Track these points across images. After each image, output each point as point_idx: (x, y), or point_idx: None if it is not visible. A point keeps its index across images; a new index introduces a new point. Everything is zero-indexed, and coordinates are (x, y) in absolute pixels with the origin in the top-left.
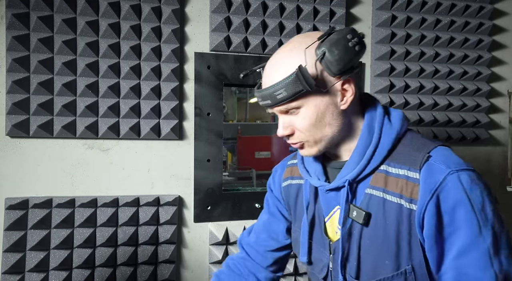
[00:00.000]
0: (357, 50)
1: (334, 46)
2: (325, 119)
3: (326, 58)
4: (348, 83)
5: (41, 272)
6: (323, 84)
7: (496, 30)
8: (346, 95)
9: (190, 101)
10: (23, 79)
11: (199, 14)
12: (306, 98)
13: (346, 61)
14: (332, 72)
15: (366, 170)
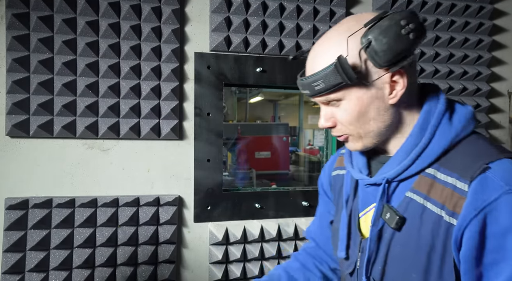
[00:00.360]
0: (412, 38)
1: (382, 34)
2: (369, 113)
3: (371, 47)
4: (399, 75)
5: (41, 272)
6: (367, 76)
7: (496, 30)
8: (395, 89)
9: (190, 101)
10: (23, 79)
11: (199, 14)
12: (347, 90)
13: (396, 51)
14: (378, 63)
15: (409, 171)
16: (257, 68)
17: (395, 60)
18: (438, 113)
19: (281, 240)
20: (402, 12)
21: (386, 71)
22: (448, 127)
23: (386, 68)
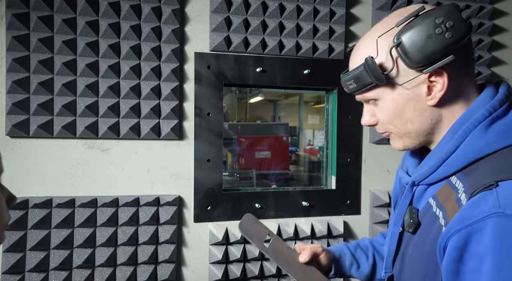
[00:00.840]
0: (448, 37)
1: (414, 33)
2: (404, 114)
3: (402, 47)
4: (438, 75)
5: (41, 272)
6: (400, 76)
7: (496, 30)
8: (433, 90)
9: (190, 101)
10: (23, 79)
11: (199, 14)
12: (381, 90)
13: (428, 52)
14: (409, 64)
15: (433, 176)
16: (257, 68)
17: (428, 60)
18: (475, 119)
19: None
20: (441, 9)
21: (420, 72)
22: (480, 136)
23: (419, 69)
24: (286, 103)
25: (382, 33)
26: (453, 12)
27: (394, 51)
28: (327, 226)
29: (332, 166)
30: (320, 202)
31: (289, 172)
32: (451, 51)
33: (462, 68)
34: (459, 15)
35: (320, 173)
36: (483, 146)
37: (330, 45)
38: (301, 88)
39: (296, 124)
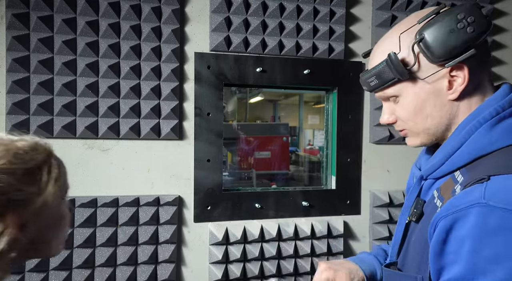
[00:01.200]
0: (469, 32)
1: (436, 28)
2: (425, 109)
3: (424, 42)
4: (459, 69)
5: (41, 272)
6: (422, 71)
7: (496, 30)
8: (454, 84)
9: (190, 101)
10: (23, 79)
11: (199, 14)
12: (403, 86)
13: (450, 46)
14: (431, 58)
15: (440, 171)
16: (257, 68)
17: (450, 55)
18: (482, 117)
19: (281, 240)
20: (461, 6)
21: (442, 66)
22: (484, 133)
23: (441, 63)
24: (286, 103)
25: (405, 30)
26: (474, 8)
27: (416, 46)
28: (327, 226)
29: (332, 166)
30: (320, 202)
31: (289, 172)
32: (472, 45)
33: (481, 63)
34: (480, 11)
35: (320, 173)
36: (486, 144)
37: (330, 45)
38: (301, 88)
39: (296, 124)
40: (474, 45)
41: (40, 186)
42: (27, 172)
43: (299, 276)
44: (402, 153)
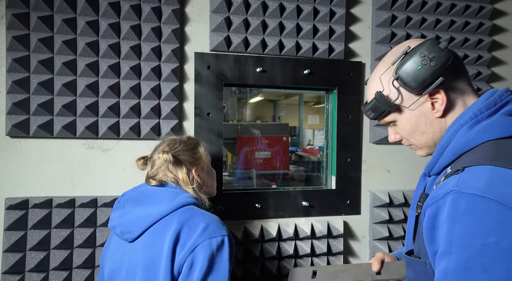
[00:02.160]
0: (433, 65)
1: (407, 67)
2: (420, 128)
3: (400, 79)
4: (437, 93)
5: (41, 272)
6: (406, 101)
7: (496, 30)
8: (436, 105)
9: (190, 101)
10: (23, 79)
11: (199, 14)
12: (395, 114)
13: (421, 79)
14: (409, 90)
15: (436, 167)
16: (257, 68)
17: (423, 85)
18: (464, 120)
19: (281, 240)
20: (422, 45)
21: (420, 94)
22: (464, 133)
23: (419, 92)
24: (286, 103)
25: (383, 72)
26: (432, 45)
27: (396, 83)
28: (327, 226)
29: (332, 166)
30: (320, 202)
31: (289, 172)
32: (440, 74)
33: (455, 81)
34: (437, 47)
35: (320, 173)
36: (465, 142)
37: (330, 45)
38: (301, 88)
39: (296, 124)
40: (441, 73)
41: (200, 154)
42: (192, 148)
43: None
44: (402, 153)
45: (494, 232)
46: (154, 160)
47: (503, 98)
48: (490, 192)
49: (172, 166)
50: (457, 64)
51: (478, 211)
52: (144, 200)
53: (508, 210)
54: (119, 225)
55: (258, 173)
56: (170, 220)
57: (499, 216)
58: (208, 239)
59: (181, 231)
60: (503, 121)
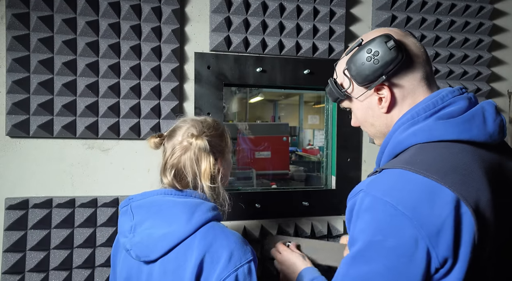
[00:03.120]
0: (375, 64)
1: (354, 61)
2: (368, 120)
3: (349, 71)
4: (383, 89)
5: (41, 272)
6: (355, 92)
7: (496, 30)
8: (383, 100)
9: (190, 101)
10: (23, 79)
11: (199, 14)
12: (347, 102)
13: (365, 74)
14: (357, 83)
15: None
16: (257, 68)
17: (367, 81)
18: (402, 122)
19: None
20: (372, 41)
21: (367, 88)
22: (398, 135)
23: (365, 86)
24: (286, 103)
25: (336, 63)
26: (379, 43)
27: (347, 73)
28: (327, 226)
29: (332, 166)
30: (320, 202)
31: (289, 172)
32: (382, 72)
33: (404, 80)
34: (384, 45)
35: (320, 173)
36: (397, 143)
37: (330, 45)
38: (301, 88)
39: (296, 124)
40: (384, 72)
41: (226, 143)
42: (220, 134)
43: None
44: None
45: (382, 232)
46: (174, 145)
47: (445, 100)
48: (389, 195)
49: (198, 153)
50: (408, 63)
51: (374, 210)
52: (157, 214)
53: (399, 214)
54: (133, 247)
55: (258, 173)
56: (191, 245)
57: (390, 218)
58: (234, 271)
59: (203, 261)
60: (432, 125)
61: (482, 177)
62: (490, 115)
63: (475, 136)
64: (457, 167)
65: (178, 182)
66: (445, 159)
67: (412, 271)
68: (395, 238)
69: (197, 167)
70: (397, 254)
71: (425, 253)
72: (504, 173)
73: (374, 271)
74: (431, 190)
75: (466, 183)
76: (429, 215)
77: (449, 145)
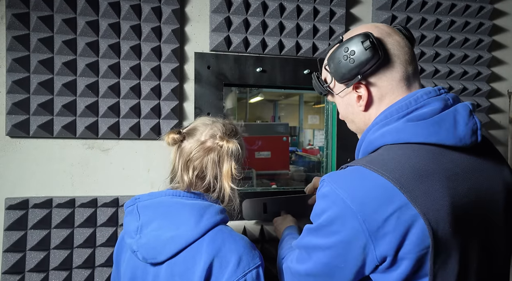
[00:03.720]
0: (351, 63)
1: (332, 58)
2: (348, 116)
3: (329, 67)
4: (360, 88)
5: (41, 272)
6: (335, 88)
7: (496, 30)
8: (360, 99)
9: (190, 101)
10: (23, 79)
11: (199, 14)
12: (330, 97)
13: (341, 73)
14: (336, 80)
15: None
16: (257, 68)
17: (344, 79)
18: (376, 122)
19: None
20: (350, 40)
21: (346, 86)
22: (370, 135)
23: (344, 83)
24: (286, 103)
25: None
26: (356, 42)
27: (328, 69)
28: None
29: (332, 166)
30: None
31: (289, 172)
32: (357, 72)
33: (381, 80)
34: (360, 45)
35: (320, 173)
36: (369, 143)
37: (330, 45)
38: (301, 88)
39: (296, 124)
40: (359, 72)
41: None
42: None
43: None
44: None
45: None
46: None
47: (419, 101)
48: (342, 188)
49: (227, 157)
50: (386, 63)
51: (327, 199)
52: (165, 215)
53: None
54: (140, 249)
55: (258, 173)
56: (199, 248)
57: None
58: (242, 276)
59: (212, 265)
60: (400, 127)
61: (443, 181)
62: (462, 118)
63: (443, 139)
64: (415, 169)
65: (197, 182)
66: (405, 160)
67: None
68: (339, 226)
69: (219, 169)
70: (339, 239)
71: (363, 246)
72: (476, 176)
73: (320, 244)
74: (382, 189)
75: (420, 186)
76: (374, 212)
77: (415, 147)
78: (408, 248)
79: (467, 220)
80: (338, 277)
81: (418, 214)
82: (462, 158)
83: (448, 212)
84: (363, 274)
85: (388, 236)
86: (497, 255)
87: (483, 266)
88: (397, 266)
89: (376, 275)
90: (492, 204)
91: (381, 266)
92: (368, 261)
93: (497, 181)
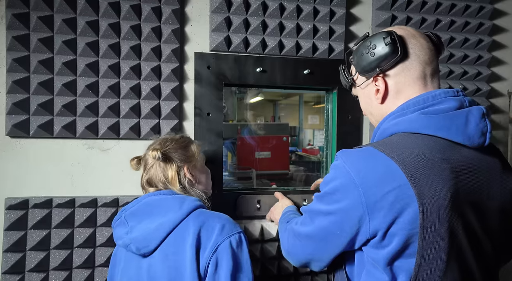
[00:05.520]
0: (371, 56)
1: (357, 52)
2: (367, 109)
3: (353, 60)
4: (378, 81)
5: (41, 272)
6: (358, 80)
7: (496, 30)
8: (379, 91)
9: (190, 101)
10: (23, 79)
11: (199, 14)
12: (354, 90)
13: (362, 65)
14: (358, 72)
15: None
16: (257, 68)
17: (364, 71)
18: (389, 114)
19: None
20: (374, 35)
21: (367, 78)
22: (385, 124)
23: (364, 76)
24: (286, 103)
25: (347, 51)
26: (378, 38)
27: (352, 61)
28: None
29: None
30: None
31: (289, 172)
32: (376, 65)
33: (400, 75)
34: (382, 41)
35: (320, 173)
36: (382, 131)
37: (330, 45)
38: (301, 88)
39: (296, 124)
40: (378, 65)
41: (192, 152)
42: (184, 146)
43: (299, 276)
44: None
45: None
46: (146, 160)
47: (436, 99)
48: (350, 162)
49: (162, 163)
50: (405, 60)
51: (335, 170)
52: (151, 212)
53: (351, 179)
54: (132, 242)
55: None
56: (186, 226)
57: (344, 180)
58: (227, 237)
59: (200, 233)
60: (414, 118)
61: (446, 171)
62: (474, 118)
63: (452, 135)
64: (421, 156)
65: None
66: (413, 146)
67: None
68: (341, 195)
69: (164, 176)
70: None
71: (359, 216)
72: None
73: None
74: (386, 167)
75: (423, 171)
76: (374, 186)
77: (424, 138)
78: (400, 225)
79: (462, 210)
80: (332, 243)
81: (415, 196)
82: (468, 155)
83: (444, 198)
84: (353, 246)
85: (383, 211)
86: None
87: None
88: (388, 242)
89: (368, 249)
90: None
91: (372, 241)
92: (361, 233)
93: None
